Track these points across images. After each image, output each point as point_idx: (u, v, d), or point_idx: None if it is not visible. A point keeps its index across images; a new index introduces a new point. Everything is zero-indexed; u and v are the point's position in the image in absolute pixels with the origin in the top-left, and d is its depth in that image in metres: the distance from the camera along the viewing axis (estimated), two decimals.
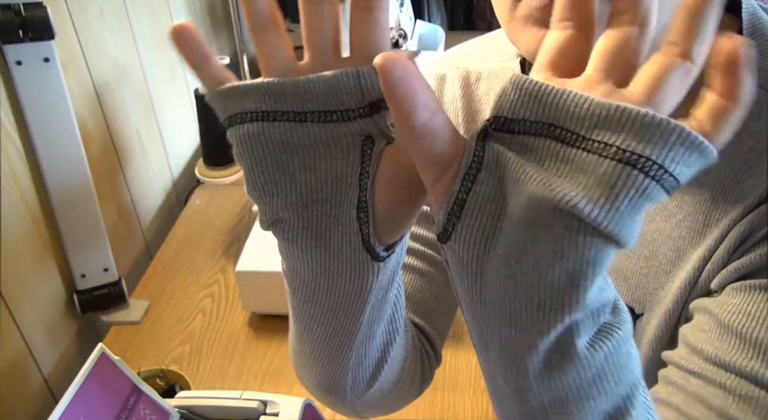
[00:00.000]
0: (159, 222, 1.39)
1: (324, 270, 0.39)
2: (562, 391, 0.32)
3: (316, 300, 0.41)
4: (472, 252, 0.32)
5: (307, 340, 0.46)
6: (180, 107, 1.47)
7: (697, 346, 0.47)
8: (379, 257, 0.38)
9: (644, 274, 0.54)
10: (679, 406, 0.47)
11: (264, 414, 0.77)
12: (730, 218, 0.48)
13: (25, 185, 0.98)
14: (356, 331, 0.43)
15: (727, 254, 0.48)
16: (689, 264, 0.51)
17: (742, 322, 0.45)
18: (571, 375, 0.32)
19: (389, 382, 0.51)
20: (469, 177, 0.31)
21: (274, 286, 1.07)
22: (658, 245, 0.53)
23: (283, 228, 0.38)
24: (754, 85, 0.28)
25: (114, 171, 1.22)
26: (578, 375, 0.32)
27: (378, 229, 0.37)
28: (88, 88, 1.13)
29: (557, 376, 0.32)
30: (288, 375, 1.02)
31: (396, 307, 0.46)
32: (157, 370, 0.98)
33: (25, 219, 0.98)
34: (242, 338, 1.09)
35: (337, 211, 0.36)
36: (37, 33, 0.90)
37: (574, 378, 0.32)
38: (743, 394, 0.44)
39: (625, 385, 0.33)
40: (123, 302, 1.13)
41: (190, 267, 1.24)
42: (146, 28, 1.31)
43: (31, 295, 1.00)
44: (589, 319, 0.31)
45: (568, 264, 0.29)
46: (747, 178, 0.48)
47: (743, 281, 0.47)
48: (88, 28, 1.11)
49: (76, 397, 0.66)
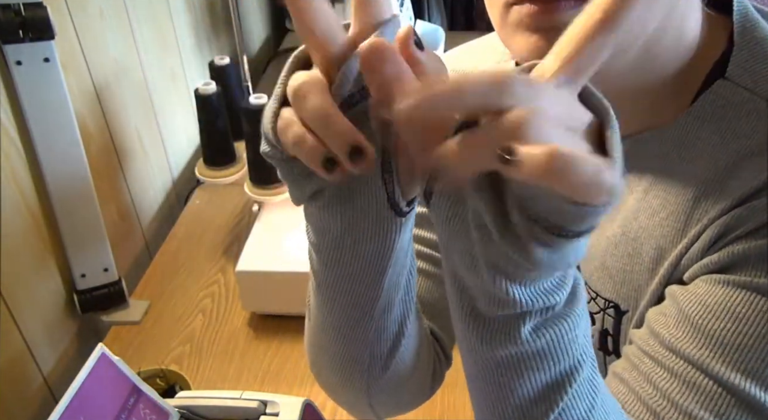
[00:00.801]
0: (159, 222, 1.39)
1: (351, 230, 0.43)
2: (504, 359, 0.39)
3: (342, 264, 0.45)
4: (451, 210, 0.37)
5: (329, 313, 0.49)
6: (180, 107, 1.47)
7: (655, 329, 0.50)
8: (401, 212, 0.42)
9: (628, 272, 0.55)
10: (630, 382, 0.49)
11: (264, 414, 0.77)
12: (709, 217, 0.49)
13: (25, 185, 0.98)
14: (377, 297, 0.47)
15: (702, 252, 0.49)
16: (669, 261, 0.52)
17: (699, 313, 0.47)
18: (513, 350, 0.38)
19: (405, 366, 0.53)
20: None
21: (274, 286, 1.07)
22: (642, 243, 0.54)
23: (320, 197, 0.42)
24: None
25: (114, 171, 1.22)
26: (519, 352, 0.38)
27: (402, 185, 0.41)
28: (88, 88, 1.13)
29: (501, 348, 0.38)
30: (288, 375, 1.02)
31: (410, 276, 0.49)
32: (157, 370, 0.98)
33: (25, 219, 0.98)
34: (242, 338, 1.09)
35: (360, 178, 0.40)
36: (37, 33, 0.90)
37: (516, 353, 0.38)
38: (689, 380, 0.46)
39: (566, 364, 0.39)
40: (123, 302, 1.13)
41: (190, 267, 1.24)
42: (146, 28, 1.31)
43: (31, 295, 1.00)
44: (537, 313, 0.37)
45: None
46: (730, 180, 0.49)
47: (710, 275, 0.48)
48: (88, 28, 1.11)
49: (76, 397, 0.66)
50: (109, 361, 0.71)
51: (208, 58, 1.47)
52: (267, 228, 1.15)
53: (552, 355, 0.39)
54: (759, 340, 0.45)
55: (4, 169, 0.92)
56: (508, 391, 0.40)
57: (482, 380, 0.41)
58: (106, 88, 1.17)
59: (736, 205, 0.47)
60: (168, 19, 1.41)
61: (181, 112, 1.48)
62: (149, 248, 1.35)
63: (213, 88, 1.20)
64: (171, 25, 1.42)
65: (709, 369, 0.46)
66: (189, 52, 1.51)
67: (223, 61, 1.37)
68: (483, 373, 0.41)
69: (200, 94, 1.20)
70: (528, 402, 0.40)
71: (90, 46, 1.12)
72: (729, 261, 0.47)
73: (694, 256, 0.50)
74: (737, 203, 0.47)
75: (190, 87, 1.50)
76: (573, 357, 0.39)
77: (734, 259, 0.47)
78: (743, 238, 0.47)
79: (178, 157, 1.47)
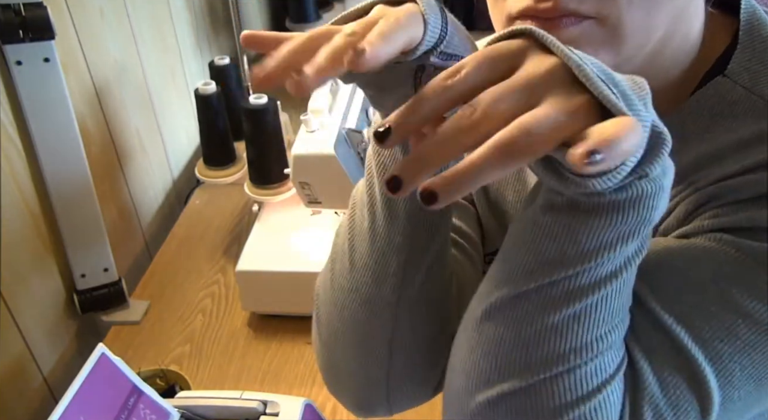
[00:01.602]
0: (159, 222, 1.39)
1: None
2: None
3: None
4: None
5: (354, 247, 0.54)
6: (180, 107, 1.47)
7: None
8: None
9: None
10: None
11: (264, 414, 0.77)
12: (681, 196, 0.49)
13: (25, 185, 0.98)
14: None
15: (676, 224, 0.50)
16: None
17: (656, 253, 0.47)
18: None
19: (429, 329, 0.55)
20: None
21: (274, 286, 1.07)
22: None
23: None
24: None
25: (114, 171, 1.22)
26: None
27: None
28: (88, 88, 1.13)
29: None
30: (288, 375, 1.02)
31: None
32: (157, 370, 0.98)
33: (25, 219, 0.98)
34: (242, 338, 1.09)
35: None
36: (37, 33, 0.90)
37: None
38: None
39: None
40: (123, 302, 1.13)
41: (190, 267, 1.24)
42: (146, 28, 1.31)
43: (31, 295, 1.00)
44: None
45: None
46: (714, 168, 0.49)
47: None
48: (88, 28, 1.11)
49: (76, 397, 0.66)
50: (109, 361, 0.71)
51: (208, 58, 1.47)
52: (267, 228, 1.15)
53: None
54: (696, 289, 0.45)
55: (4, 169, 0.92)
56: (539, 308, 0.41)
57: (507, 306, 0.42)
58: (106, 88, 1.17)
59: (719, 180, 0.48)
60: (168, 19, 1.41)
61: (181, 112, 1.48)
62: (149, 248, 1.35)
63: (213, 88, 1.20)
64: (171, 25, 1.42)
65: (645, 304, 0.45)
66: (189, 52, 1.51)
67: (223, 61, 1.37)
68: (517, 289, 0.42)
69: (200, 94, 1.20)
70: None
71: (90, 46, 1.12)
72: (702, 226, 0.47)
73: (670, 227, 0.50)
74: (720, 179, 0.48)
75: (190, 87, 1.50)
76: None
77: (717, 225, 0.47)
78: (726, 205, 0.47)
79: (178, 157, 1.47)
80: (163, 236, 1.32)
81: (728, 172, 0.48)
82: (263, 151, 1.12)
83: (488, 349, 0.43)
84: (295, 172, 0.98)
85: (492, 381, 0.43)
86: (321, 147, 0.94)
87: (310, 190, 1.00)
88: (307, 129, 0.97)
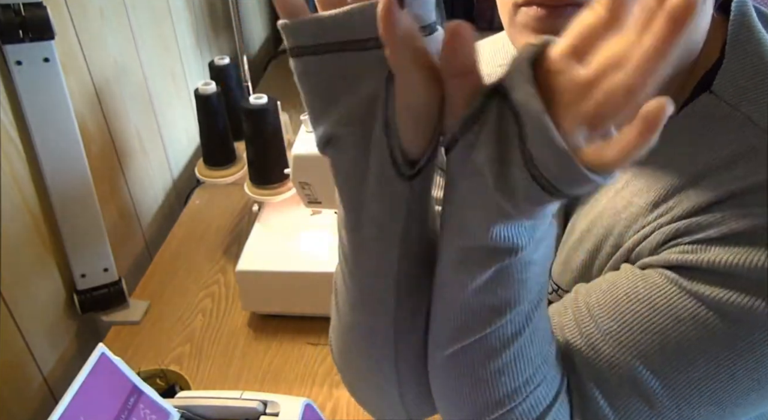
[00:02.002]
0: (159, 222, 1.39)
1: (361, 189, 0.45)
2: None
3: (359, 228, 0.47)
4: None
5: (355, 279, 0.51)
6: (180, 107, 1.47)
7: (588, 288, 0.54)
8: (404, 175, 0.43)
9: (588, 267, 0.57)
10: (554, 323, 0.53)
11: (264, 414, 0.77)
12: (658, 222, 0.51)
13: (25, 185, 0.98)
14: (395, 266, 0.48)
15: (651, 251, 0.51)
16: (620, 254, 0.55)
17: (625, 290, 0.51)
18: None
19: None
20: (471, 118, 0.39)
21: (274, 286, 1.07)
22: (602, 240, 0.56)
23: (335, 145, 0.45)
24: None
25: (114, 171, 1.22)
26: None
27: (404, 145, 0.42)
28: (88, 88, 1.13)
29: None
30: (288, 375, 1.02)
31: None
32: (157, 370, 0.98)
33: (25, 219, 0.98)
34: (242, 338, 1.09)
35: (369, 128, 0.43)
36: (37, 33, 0.90)
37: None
38: (591, 342, 0.51)
39: (510, 294, 0.45)
40: (123, 302, 1.13)
41: (190, 267, 1.24)
42: (146, 28, 1.31)
43: (31, 295, 1.00)
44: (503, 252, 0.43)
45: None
46: (691, 189, 0.49)
47: (657, 269, 0.51)
48: (88, 28, 1.11)
49: (76, 397, 0.66)
50: (109, 361, 0.71)
51: (208, 58, 1.48)
52: (267, 228, 1.15)
53: (501, 283, 0.44)
54: (661, 334, 0.48)
55: (4, 169, 0.92)
56: (462, 290, 0.45)
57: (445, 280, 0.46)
58: (106, 88, 1.18)
59: (692, 214, 0.49)
60: (168, 19, 1.41)
61: (181, 112, 1.48)
62: (149, 248, 1.35)
63: (213, 88, 1.20)
64: (171, 25, 1.42)
65: (609, 339, 0.50)
66: (189, 52, 1.51)
67: (223, 61, 1.37)
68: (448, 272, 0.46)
69: (200, 94, 1.20)
70: (472, 308, 0.45)
71: (90, 46, 1.12)
72: (668, 260, 0.49)
73: (643, 252, 0.52)
74: (693, 212, 0.49)
75: (190, 87, 1.50)
76: (517, 291, 0.45)
77: (681, 262, 0.48)
78: (694, 243, 0.48)
79: (178, 157, 1.47)
80: (163, 236, 1.32)
81: (702, 200, 0.48)
82: (263, 151, 1.12)
83: (442, 394, 0.51)
84: (295, 172, 0.98)
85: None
86: None
87: (310, 190, 1.00)
88: (307, 129, 0.97)
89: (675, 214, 0.50)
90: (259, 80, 1.81)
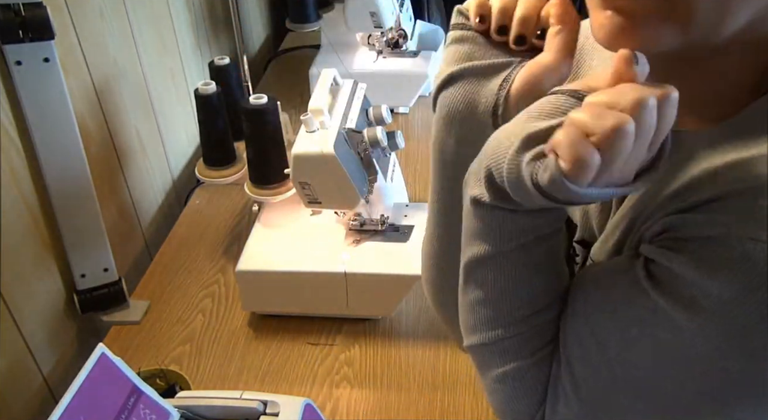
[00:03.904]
0: (159, 222, 1.39)
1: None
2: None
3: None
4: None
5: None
6: (180, 107, 1.47)
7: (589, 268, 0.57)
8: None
9: (619, 247, 0.57)
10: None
11: (264, 414, 0.77)
12: (665, 212, 0.50)
13: (25, 185, 0.98)
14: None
15: (649, 239, 0.51)
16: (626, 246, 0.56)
17: (600, 275, 0.54)
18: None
19: None
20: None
21: (274, 286, 1.07)
22: (633, 222, 0.55)
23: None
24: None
25: (114, 171, 1.22)
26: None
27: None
28: (88, 88, 1.13)
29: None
30: (288, 375, 1.02)
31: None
32: (157, 370, 0.98)
33: (25, 219, 0.98)
34: (242, 338, 1.09)
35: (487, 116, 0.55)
36: (37, 33, 0.90)
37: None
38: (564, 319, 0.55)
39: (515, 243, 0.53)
40: (123, 302, 1.13)
41: (190, 267, 1.24)
42: (146, 28, 1.31)
43: (31, 295, 1.00)
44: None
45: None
46: (707, 184, 0.47)
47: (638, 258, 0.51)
48: (88, 28, 1.11)
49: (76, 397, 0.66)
50: (109, 361, 0.71)
51: (208, 58, 1.47)
52: (267, 228, 1.15)
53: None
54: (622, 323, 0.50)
55: (4, 169, 0.92)
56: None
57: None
58: (106, 88, 1.18)
59: (685, 210, 0.48)
60: (168, 19, 1.41)
61: (181, 112, 1.48)
62: (149, 248, 1.35)
63: (213, 88, 1.20)
64: (171, 25, 1.42)
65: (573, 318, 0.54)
66: (189, 52, 1.51)
67: (223, 61, 1.36)
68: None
69: (200, 94, 1.20)
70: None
71: (90, 46, 1.12)
72: (648, 250, 0.50)
73: (644, 239, 0.52)
74: (687, 208, 0.47)
75: (190, 87, 1.50)
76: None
77: (655, 257, 0.48)
78: (671, 240, 0.48)
79: (178, 157, 1.47)
80: (163, 236, 1.32)
81: (702, 198, 0.46)
82: (263, 151, 1.12)
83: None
84: (295, 172, 0.98)
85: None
86: (321, 147, 0.94)
87: (310, 190, 1.00)
88: (307, 129, 0.97)
89: (679, 206, 0.48)
90: (259, 80, 1.81)
